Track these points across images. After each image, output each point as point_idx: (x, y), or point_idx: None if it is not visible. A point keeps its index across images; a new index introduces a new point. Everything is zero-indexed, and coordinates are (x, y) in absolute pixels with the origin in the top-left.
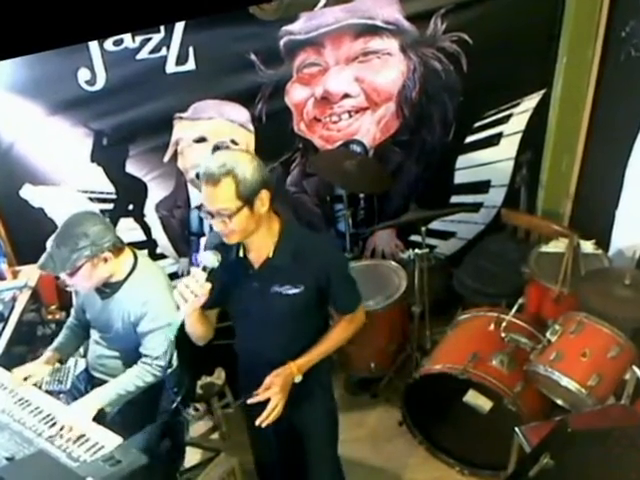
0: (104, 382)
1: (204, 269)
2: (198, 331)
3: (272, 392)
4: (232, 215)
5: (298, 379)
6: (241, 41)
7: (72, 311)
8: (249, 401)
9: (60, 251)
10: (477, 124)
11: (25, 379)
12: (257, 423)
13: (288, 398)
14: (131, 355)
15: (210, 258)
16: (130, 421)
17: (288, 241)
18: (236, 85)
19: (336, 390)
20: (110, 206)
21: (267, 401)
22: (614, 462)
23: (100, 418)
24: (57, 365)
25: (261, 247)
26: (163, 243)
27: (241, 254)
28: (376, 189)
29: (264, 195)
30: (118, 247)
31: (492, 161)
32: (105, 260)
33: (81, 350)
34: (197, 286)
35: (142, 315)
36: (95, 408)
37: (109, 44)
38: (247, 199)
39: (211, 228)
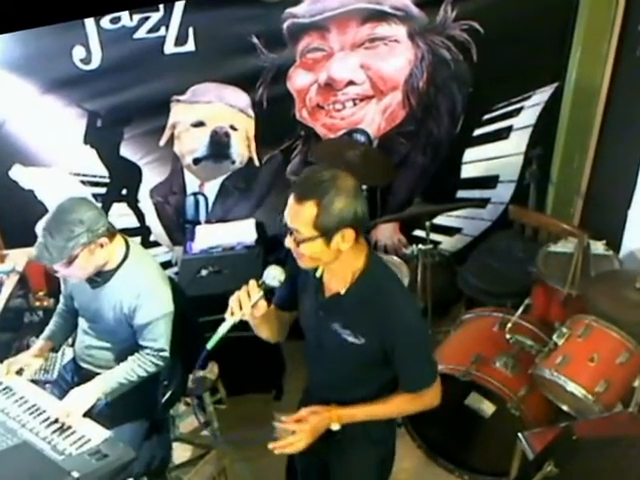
0: (91, 373)
1: (262, 285)
2: (261, 332)
3: (300, 427)
4: (302, 242)
5: (335, 427)
6: (243, 23)
7: (61, 297)
8: (275, 424)
9: (55, 240)
10: (486, 116)
11: (19, 372)
12: (269, 447)
13: (327, 437)
14: (121, 346)
15: (272, 275)
16: (118, 415)
17: (365, 285)
18: (237, 68)
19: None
20: (103, 190)
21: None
22: (620, 472)
23: (88, 410)
24: (46, 354)
25: (337, 279)
26: (157, 230)
27: (318, 274)
28: (380, 181)
29: (347, 233)
30: (111, 232)
31: (501, 155)
32: (101, 245)
33: (69, 339)
34: (247, 302)
35: (136, 307)
36: (96, 396)
37: (106, 22)
38: (325, 232)
39: None
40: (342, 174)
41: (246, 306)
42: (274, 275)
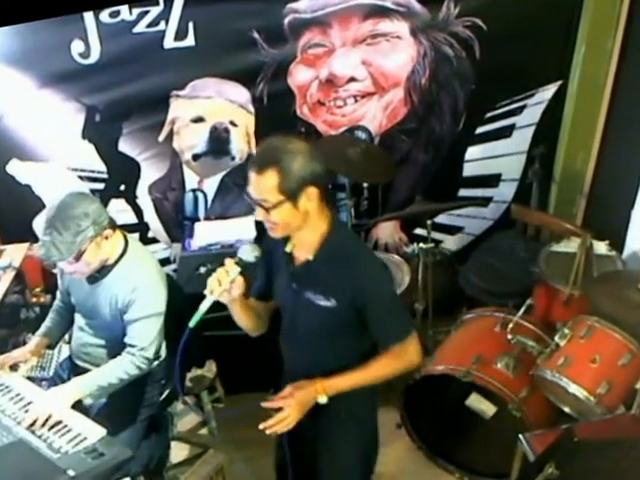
0: (87, 371)
1: (238, 262)
2: (244, 322)
3: (287, 403)
4: (271, 208)
5: (322, 400)
6: (244, 18)
7: (57, 294)
8: (262, 404)
9: (63, 236)
10: (489, 114)
11: (13, 368)
12: (260, 427)
13: (313, 417)
14: (117, 344)
15: (247, 251)
16: (115, 413)
17: (331, 247)
18: (237, 64)
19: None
20: (101, 186)
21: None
22: (622, 474)
23: (84, 409)
24: (42, 350)
25: (305, 246)
26: (155, 227)
27: (288, 249)
28: (381, 178)
29: (311, 191)
30: (113, 225)
31: (503, 154)
32: (107, 237)
33: (66, 336)
34: (226, 279)
35: (130, 302)
36: (72, 398)
37: (105, 16)
38: (290, 194)
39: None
40: (292, 139)
41: (225, 282)
42: (249, 251)
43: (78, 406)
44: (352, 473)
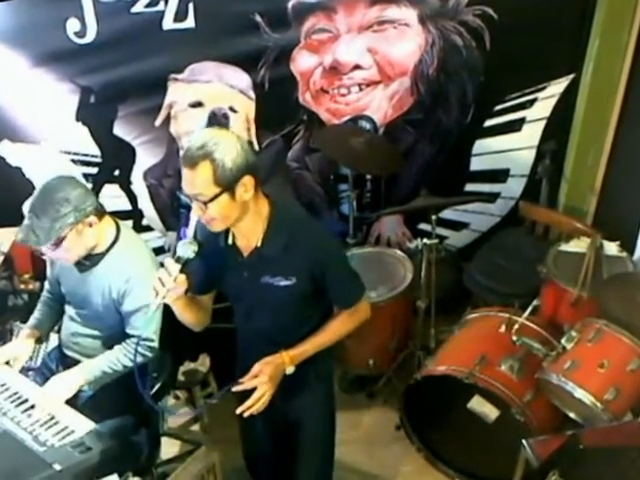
0: (77, 361)
1: (178, 260)
2: (189, 318)
3: (259, 381)
4: (208, 202)
5: (290, 370)
6: (246, 0)
7: (46, 284)
8: (234, 389)
9: (41, 221)
10: (498, 107)
11: (8, 363)
12: (238, 411)
13: (281, 390)
14: (109, 333)
15: (184, 248)
16: (104, 406)
17: (278, 229)
18: (238, 48)
19: None
20: (94, 170)
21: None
22: None
23: (72, 400)
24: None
25: (249, 235)
26: (150, 214)
27: (230, 241)
28: (385, 170)
29: (247, 181)
30: (100, 212)
31: (512, 148)
32: (90, 225)
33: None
34: (168, 279)
35: (125, 293)
36: (78, 384)
37: None
38: (226, 185)
39: None
40: (221, 131)
41: (168, 282)
42: (186, 247)
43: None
44: (326, 441)
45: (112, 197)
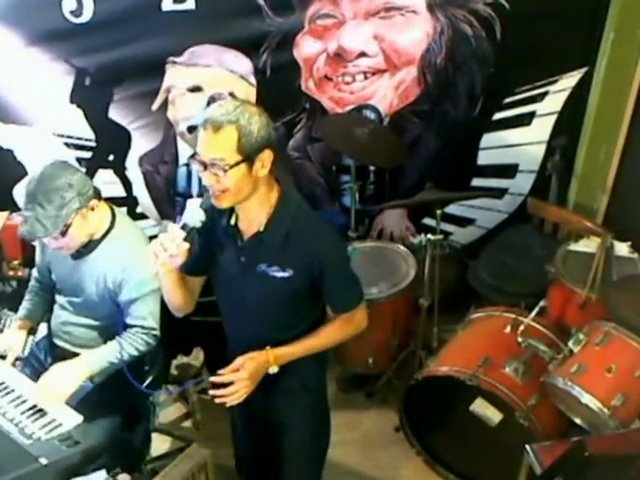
0: (67, 351)
1: (184, 227)
2: (175, 298)
3: (238, 375)
4: (228, 169)
5: (273, 370)
6: None
7: (34, 272)
8: (211, 379)
9: (46, 211)
10: (508, 100)
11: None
12: (210, 394)
13: (264, 392)
14: (104, 323)
15: (193, 215)
16: (93, 400)
17: (283, 218)
18: (240, 31)
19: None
20: (88, 154)
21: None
22: None
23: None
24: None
25: (253, 217)
26: (145, 202)
27: (232, 222)
28: (389, 162)
29: (266, 156)
30: (98, 195)
31: (522, 143)
32: (92, 209)
33: None
34: (172, 244)
35: (122, 282)
36: (83, 376)
37: None
38: (248, 155)
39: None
40: (246, 101)
41: (170, 248)
42: (193, 214)
43: None
44: (307, 450)
45: (106, 183)
